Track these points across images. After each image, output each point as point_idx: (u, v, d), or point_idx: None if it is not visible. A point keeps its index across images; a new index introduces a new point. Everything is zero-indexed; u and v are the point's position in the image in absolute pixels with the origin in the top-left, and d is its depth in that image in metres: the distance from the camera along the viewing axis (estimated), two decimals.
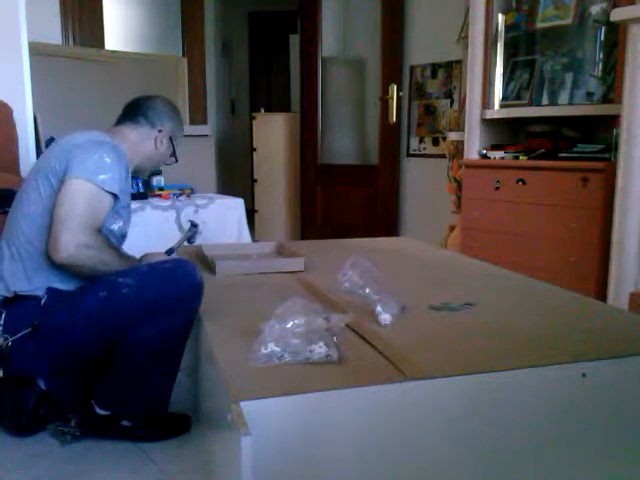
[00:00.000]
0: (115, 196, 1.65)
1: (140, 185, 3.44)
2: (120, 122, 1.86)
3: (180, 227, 3.20)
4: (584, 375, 1.29)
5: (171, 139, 1.90)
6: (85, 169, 1.59)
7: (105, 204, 1.63)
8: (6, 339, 1.57)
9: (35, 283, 1.61)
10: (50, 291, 1.61)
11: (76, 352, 1.64)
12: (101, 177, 1.59)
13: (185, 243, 2.20)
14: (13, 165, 2.78)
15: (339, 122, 4.83)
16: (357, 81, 4.79)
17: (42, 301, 1.59)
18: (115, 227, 1.74)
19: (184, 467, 1.61)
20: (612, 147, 2.60)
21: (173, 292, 1.59)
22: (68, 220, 1.53)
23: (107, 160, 1.62)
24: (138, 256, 1.83)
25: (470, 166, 3.22)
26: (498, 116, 3.18)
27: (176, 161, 1.96)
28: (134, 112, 1.85)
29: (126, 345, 1.61)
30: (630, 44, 2.31)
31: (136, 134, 1.83)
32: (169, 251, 2.01)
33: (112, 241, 1.71)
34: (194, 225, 2.20)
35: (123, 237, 1.84)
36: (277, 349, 1.29)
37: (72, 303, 1.59)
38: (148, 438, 1.71)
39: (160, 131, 1.86)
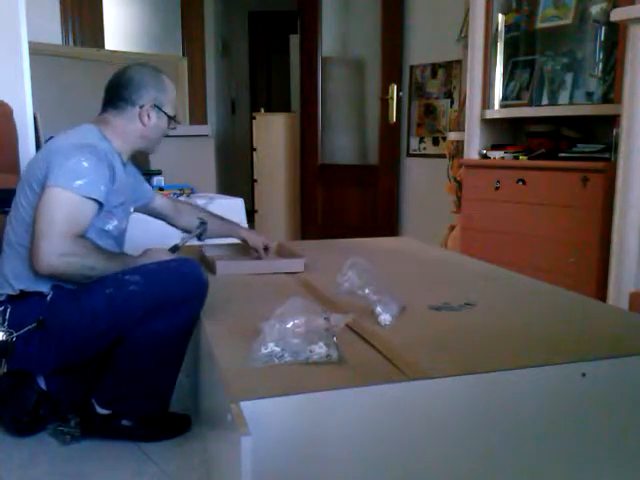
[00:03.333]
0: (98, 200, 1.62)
1: None
2: (104, 109, 1.80)
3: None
4: (584, 375, 1.29)
5: (158, 107, 1.79)
6: (61, 176, 1.56)
7: (85, 210, 1.59)
8: (11, 334, 1.57)
9: (40, 281, 1.60)
10: (56, 287, 1.61)
11: (81, 348, 1.63)
12: (77, 183, 1.56)
13: (195, 240, 2.18)
14: (13, 165, 2.77)
15: (339, 122, 4.83)
16: (357, 81, 4.79)
17: (48, 297, 1.60)
18: (110, 227, 1.72)
19: (184, 467, 1.60)
20: (612, 147, 2.60)
21: (179, 290, 1.59)
22: (46, 230, 1.52)
23: (84, 164, 1.58)
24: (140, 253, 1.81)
25: (470, 166, 3.21)
26: (498, 116, 3.18)
27: (177, 122, 1.86)
28: (112, 97, 1.78)
29: (130, 342, 1.61)
30: (630, 44, 2.31)
31: (120, 119, 1.76)
32: (173, 248, 1.95)
33: (107, 242, 1.70)
34: (203, 222, 2.17)
35: (122, 235, 1.82)
36: (277, 349, 1.29)
37: (78, 299, 1.59)
38: (148, 438, 1.71)
39: (142, 107, 1.76)
